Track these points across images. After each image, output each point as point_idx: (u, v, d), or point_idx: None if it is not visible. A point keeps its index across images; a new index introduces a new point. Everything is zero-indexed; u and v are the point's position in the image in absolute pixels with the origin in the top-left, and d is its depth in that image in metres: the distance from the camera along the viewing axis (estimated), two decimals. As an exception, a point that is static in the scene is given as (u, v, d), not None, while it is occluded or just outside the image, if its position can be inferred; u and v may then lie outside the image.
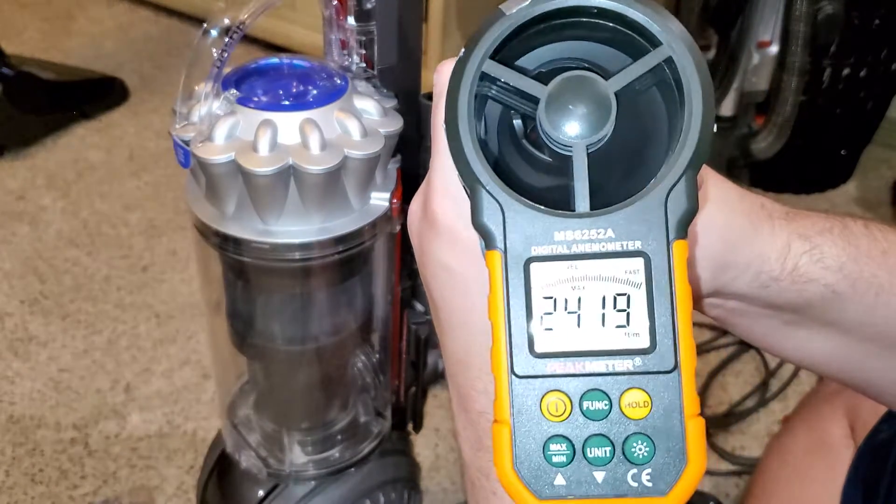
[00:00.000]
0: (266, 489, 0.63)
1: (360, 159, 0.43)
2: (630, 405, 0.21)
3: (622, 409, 0.21)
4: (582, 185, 0.21)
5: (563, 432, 0.21)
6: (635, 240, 0.21)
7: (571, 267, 0.21)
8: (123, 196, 1.30)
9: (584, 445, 0.21)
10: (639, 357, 0.21)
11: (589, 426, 0.21)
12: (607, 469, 0.21)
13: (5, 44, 1.38)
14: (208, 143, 0.42)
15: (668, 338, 0.21)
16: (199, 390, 0.98)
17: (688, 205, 0.21)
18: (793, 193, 1.41)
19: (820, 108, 1.28)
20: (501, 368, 0.21)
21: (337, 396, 0.62)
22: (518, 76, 0.22)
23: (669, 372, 0.21)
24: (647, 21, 0.21)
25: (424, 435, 0.94)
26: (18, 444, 0.91)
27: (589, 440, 0.21)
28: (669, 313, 0.21)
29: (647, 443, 0.21)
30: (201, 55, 0.41)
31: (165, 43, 1.74)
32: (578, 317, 0.21)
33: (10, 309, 1.08)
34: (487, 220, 0.21)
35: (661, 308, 0.21)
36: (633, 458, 0.21)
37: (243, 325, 0.54)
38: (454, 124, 0.22)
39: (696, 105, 0.21)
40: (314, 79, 0.46)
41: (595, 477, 0.21)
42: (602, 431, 0.21)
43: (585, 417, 0.21)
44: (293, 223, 0.44)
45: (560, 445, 0.21)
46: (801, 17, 0.92)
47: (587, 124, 0.21)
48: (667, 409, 0.21)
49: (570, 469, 0.21)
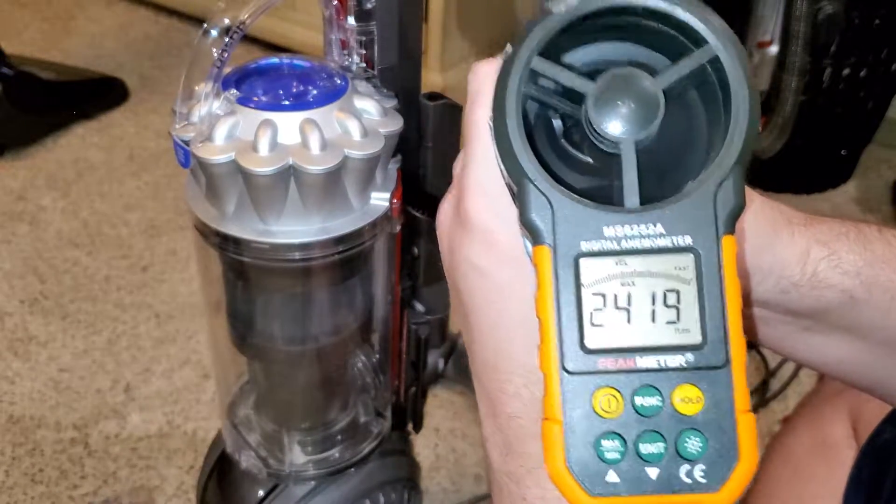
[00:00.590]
0: (266, 489, 0.63)
1: (361, 159, 0.43)
2: (682, 401, 0.21)
3: (674, 405, 0.21)
4: (631, 180, 0.21)
5: (615, 429, 0.21)
6: (685, 235, 0.21)
7: (621, 262, 0.21)
8: (123, 196, 1.30)
9: (637, 442, 0.21)
10: (690, 353, 0.21)
11: (641, 422, 0.21)
12: (660, 466, 0.21)
13: (5, 44, 1.38)
14: (208, 143, 0.42)
15: (718, 333, 0.21)
16: (199, 390, 0.98)
17: (736, 200, 0.21)
18: (793, 193, 1.40)
19: (820, 108, 1.28)
20: (552, 365, 0.21)
21: (337, 396, 0.62)
22: (568, 73, 0.22)
23: (721, 367, 0.21)
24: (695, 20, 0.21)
25: (424, 435, 0.94)
26: (18, 444, 0.91)
27: (641, 436, 0.21)
28: (720, 308, 0.21)
29: (699, 438, 0.21)
30: (201, 55, 0.41)
31: (165, 43, 1.74)
32: (628, 312, 0.21)
33: (10, 309, 1.08)
34: (536, 215, 0.21)
35: (711, 303, 0.21)
36: (685, 454, 0.21)
37: (243, 325, 0.54)
38: (502, 121, 0.22)
39: (743, 103, 0.21)
40: (314, 79, 0.46)
41: (648, 473, 0.21)
42: (654, 428, 0.21)
43: (638, 414, 0.21)
44: (293, 223, 0.44)
45: (613, 442, 0.21)
46: (802, 17, 0.92)
47: (636, 120, 0.21)
48: (719, 404, 0.21)
49: (623, 466, 0.21)
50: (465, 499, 0.89)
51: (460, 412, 0.98)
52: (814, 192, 1.41)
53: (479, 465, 0.93)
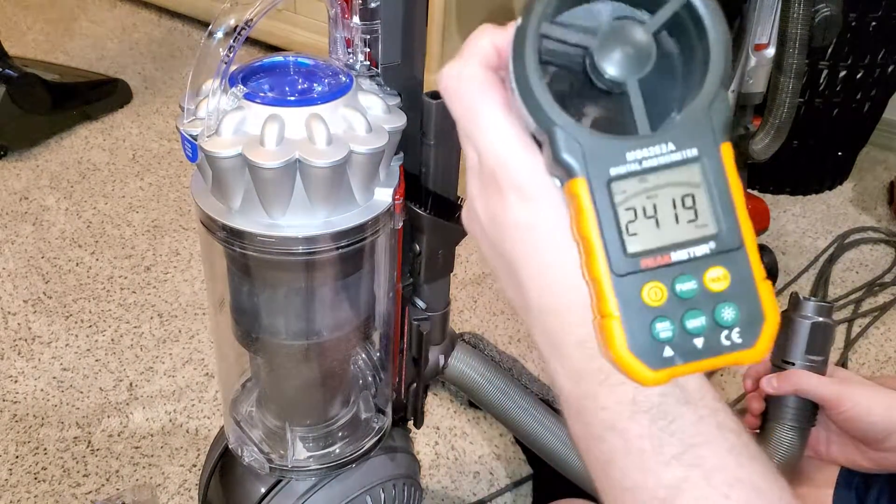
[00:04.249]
0: (268, 485, 0.63)
1: (365, 154, 0.44)
2: (712, 280, 0.25)
3: (707, 285, 0.25)
4: (640, 111, 0.25)
5: (663, 313, 0.25)
6: (691, 147, 0.25)
7: (643, 179, 0.25)
8: (126, 196, 1.31)
9: (683, 320, 0.25)
10: (711, 241, 0.25)
11: (684, 304, 0.25)
12: (704, 335, 0.25)
13: (9, 46, 1.39)
14: (216, 137, 0.42)
15: (730, 222, 0.25)
16: (202, 389, 0.99)
17: (725, 112, 0.25)
18: (790, 194, 1.41)
19: (817, 110, 1.29)
20: (601, 272, 0.25)
21: (339, 392, 0.62)
22: (573, 32, 0.26)
23: (738, 248, 0.25)
24: None
25: (424, 433, 0.94)
26: (22, 443, 0.91)
27: (686, 315, 0.25)
28: (728, 202, 0.25)
29: (732, 307, 0.25)
30: (208, 53, 0.41)
31: (168, 45, 1.75)
32: (656, 220, 0.25)
33: (14, 308, 1.08)
34: (568, 154, 0.25)
35: (720, 199, 0.25)
36: (722, 322, 0.25)
37: (247, 320, 0.54)
38: (526, 81, 0.26)
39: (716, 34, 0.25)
40: (319, 76, 0.47)
41: (696, 344, 0.25)
42: (695, 306, 0.25)
43: (679, 297, 0.25)
44: (298, 217, 0.45)
45: (664, 324, 0.25)
46: (798, 19, 0.93)
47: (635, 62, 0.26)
48: (742, 278, 0.25)
49: (675, 341, 0.25)
50: (464, 496, 0.89)
51: (460, 410, 0.98)
52: (810, 194, 1.42)
53: (478, 462, 0.93)
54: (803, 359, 0.56)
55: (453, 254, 0.60)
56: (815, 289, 1.21)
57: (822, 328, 0.56)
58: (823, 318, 0.56)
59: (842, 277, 1.23)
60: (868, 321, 1.15)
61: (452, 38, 1.42)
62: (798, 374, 0.55)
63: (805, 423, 0.56)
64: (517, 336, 1.10)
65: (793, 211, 1.38)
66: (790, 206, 1.39)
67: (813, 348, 0.55)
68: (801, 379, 0.54)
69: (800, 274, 1.23)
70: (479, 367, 0.73)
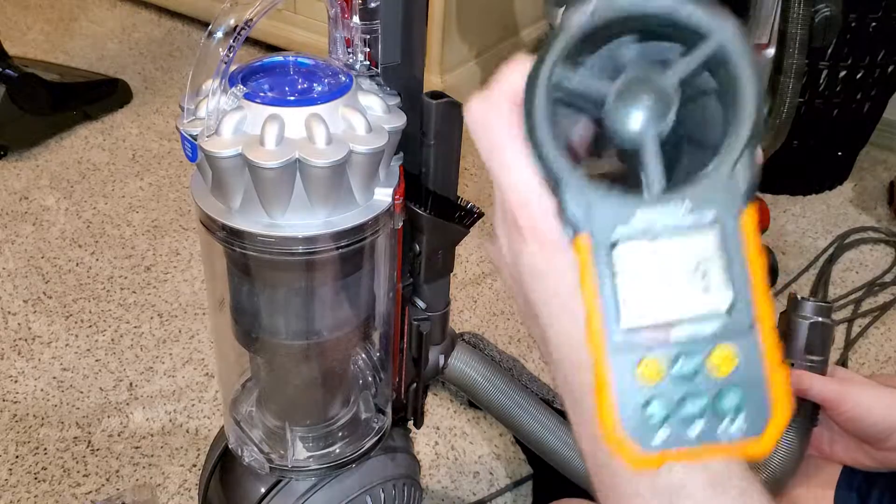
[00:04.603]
0: (268, 485, 0.63)
1: (365, 154, 0.44)
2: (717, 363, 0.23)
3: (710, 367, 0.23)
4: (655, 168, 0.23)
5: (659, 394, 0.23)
6: (709, 212, 0.23)
7: (652, 244, 0.23)
8: (126, 196, 1.31)
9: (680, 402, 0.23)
10: (720, 318, 0.23)
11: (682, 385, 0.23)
12: (702, 421, 0.23)
13: (9, 45, 1.39)
14: (216, 136, 0.42)
15: (744, 298, 0.23)
16: (202, 389, 0.99)
17: (752, 174, 0.23)
18: (790, 195, 1.41)
19: (817, 110, 1.29)
20: (597, 339, 0.23)
21: (339, 392, 0.62)
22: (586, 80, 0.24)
23: (749, 329, 0.23)
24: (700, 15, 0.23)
25: (424, 433, 0.94)
26: (22, 443, 0.91)
27: (683, 397, 0.23)
28: (744, 276, 0.23)
29: (735, 394, 0.23)
30: (208, 53, 0.42)
31: (168, 45, 1.75)
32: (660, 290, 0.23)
33: (14, 308, 1.09)
34: (575, 209, 0.24)
35: (736, 272, 0.23)
36: (724, 409, 0.23)
37: (247, 320, 0.54)
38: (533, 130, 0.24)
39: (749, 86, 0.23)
40: (319, 76, 0.47)
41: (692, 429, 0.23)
42: (694, 388, 0.23)
43: (678, 378, 0.23)
44: (298, 217, 0.45)
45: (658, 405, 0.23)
46: (798, 19, 0.93)
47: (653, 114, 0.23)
48: (750, 362, 0.23)
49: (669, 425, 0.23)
50: (464, 496, 0.89)
51: (460, 411, 0.98)
52: (810, 194, 1.42)
53: (478, 462, 0.93)
54: (803, 359, 0.56)
55: (453, 254, 0.60)
56: (815, 289, 1.21)
57: (822, 328, 0.56)
58: (822, 319, 0.56)
59: (842, 277, 1.24)
60: (868, 321, 1.15)
61: (452, 38, 1.42)
62: (798, 375, 0.55)
63: (806, 424, 0.56)
64: (517, 336, 1.10)
65: (793, 211, 1.38)
66: (790, 205, 1.39)
67: (812, 348, 0.55)
68: (801, 379, 0.54)
69: (800, 274, 1.23)
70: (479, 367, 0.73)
